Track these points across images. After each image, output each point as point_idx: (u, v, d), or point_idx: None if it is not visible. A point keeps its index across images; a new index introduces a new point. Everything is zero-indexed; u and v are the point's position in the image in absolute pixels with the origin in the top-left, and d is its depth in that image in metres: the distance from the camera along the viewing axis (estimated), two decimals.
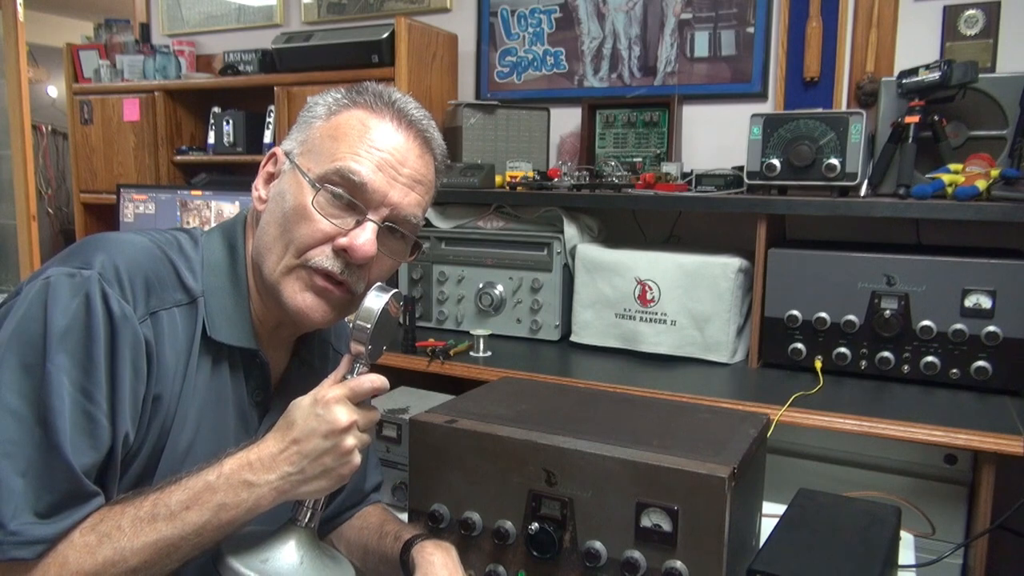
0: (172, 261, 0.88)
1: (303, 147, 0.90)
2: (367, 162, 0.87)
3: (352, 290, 0.90)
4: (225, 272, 0.92)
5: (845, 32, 2.27)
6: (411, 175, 0.90)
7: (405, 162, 0.89)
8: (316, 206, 0.86)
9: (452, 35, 2.76)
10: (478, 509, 1.03)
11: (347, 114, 0.89)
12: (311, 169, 0.88)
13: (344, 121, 0.89)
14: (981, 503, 1.47)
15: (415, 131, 0.91)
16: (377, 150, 0.87)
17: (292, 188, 0.88)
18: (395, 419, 1.32)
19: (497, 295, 2.24)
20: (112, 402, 0.79)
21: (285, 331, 0.97)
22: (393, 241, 0.92)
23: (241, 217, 0.97)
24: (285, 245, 0.88)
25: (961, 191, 1.73)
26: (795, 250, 1.90)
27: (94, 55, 3.29)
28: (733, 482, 0.89)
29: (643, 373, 1.92)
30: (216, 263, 0.92)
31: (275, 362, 0.98)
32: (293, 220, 0.87)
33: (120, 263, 0.82)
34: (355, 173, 0.86)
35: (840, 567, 0.91)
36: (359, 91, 0.91)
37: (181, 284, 0.88)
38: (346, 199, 0.86)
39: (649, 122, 2.44)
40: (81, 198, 3.31)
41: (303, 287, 0.88)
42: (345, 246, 0.86)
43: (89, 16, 5.47)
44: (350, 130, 0.88)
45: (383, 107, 0.90)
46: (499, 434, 1.01)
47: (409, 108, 0.91)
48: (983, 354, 1.71)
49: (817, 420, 1.58)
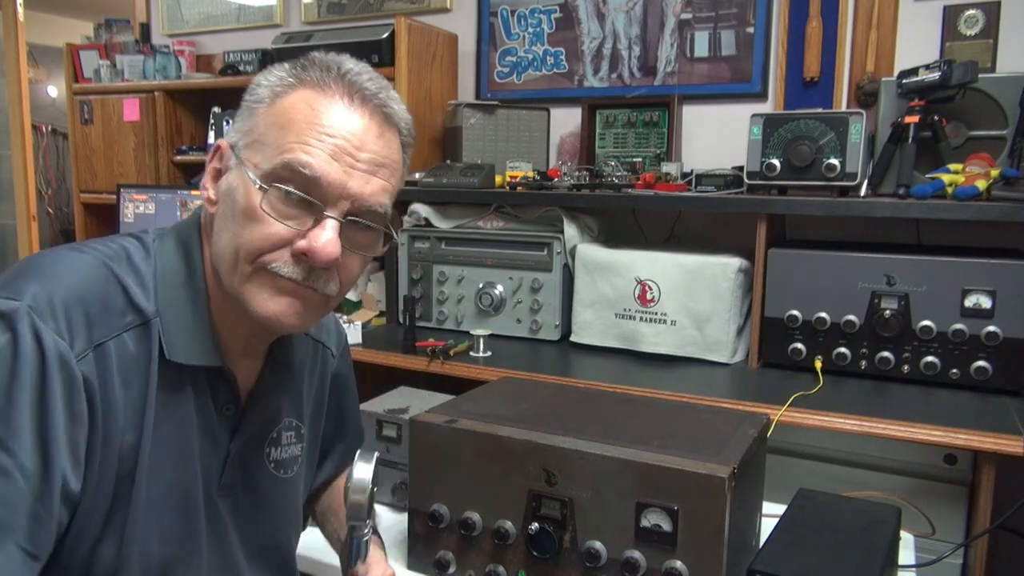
0: (120, 279, 0.79)
1: (248, 138, 0.80)
2: (319, 152, 0.76)
3: (322, 292, 0.81)
4: (181, 284, 0.83)
5: (845, 32, 2.27)
6: (371, 159, 0.79)
7: (363, 146, 0.79)
8: (267, 208, 0.76)
9: (452, 35, 2.76)
10: (478, 509, 1.03)
11: (293, 96, 0.79)
12: (258, 164, 0.77)
13: (290, 105, 0.78)
14: (981, 503, 1.47)
15: (371, 107, 0.80)
16: (329, 136, 0.77)
17: (240, 187, 0.78)
18: (395, 419, 1.32)
19: (497, 295, 2.24)
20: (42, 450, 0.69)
21: (258, 340, 0.89)
22: (360, 235, 0.82)
23: (195, 218, 0.87)
24: (236, 251, 0.78)
25: (961, 191, 1.73)
26: (795, 250, 1.90)
27: (94, 55, 3.29)
28: (733, 482, 0.89)
29: (643, 373, 1.92)
30: (170, 274, 0.82)
31: (248, 370, 0.91)
32: (243, 224, 0.77)
33: (56, 291, 0.73)
34: (306, 166, 0.76)
35: (840, 567, 0.91)
36: (304, 66, 0.80)
37: (131, 305, 0.78)
38: (299, 196, 0.77)
39: (649, 122, 2.44)
40: (81, 198, 3.31)
41: (271, 292, 0.79)
42: (304, 249, 0.77)
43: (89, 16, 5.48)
44: (297, 115, 0.77)
45: (332, 84, 0.79)
46: (499, 434, 1.01)
47: (362, 81, 0.80)
48: (983, 354, 1.71)
49: (817, 420, 1.58)
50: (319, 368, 1.05)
